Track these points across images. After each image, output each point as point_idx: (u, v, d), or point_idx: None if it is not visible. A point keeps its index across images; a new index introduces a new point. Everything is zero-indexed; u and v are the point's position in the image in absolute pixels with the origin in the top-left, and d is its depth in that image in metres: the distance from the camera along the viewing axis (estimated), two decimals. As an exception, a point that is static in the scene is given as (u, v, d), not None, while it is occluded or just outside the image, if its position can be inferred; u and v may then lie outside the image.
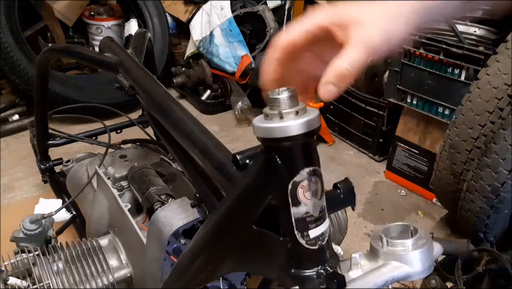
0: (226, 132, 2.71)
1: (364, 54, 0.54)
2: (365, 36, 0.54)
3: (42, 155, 1.79)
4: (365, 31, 0.54)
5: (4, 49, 2.38)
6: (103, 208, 1.36)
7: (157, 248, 1.09)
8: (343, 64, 0.53)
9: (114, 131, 1.78)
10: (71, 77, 2.76)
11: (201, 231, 0.74)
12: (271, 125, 0.52)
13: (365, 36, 0.54)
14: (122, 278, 1.25)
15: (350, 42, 0.54)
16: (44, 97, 1.60)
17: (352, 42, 0.54)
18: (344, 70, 0.53)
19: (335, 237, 1.36)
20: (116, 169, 1.37)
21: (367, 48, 0.54)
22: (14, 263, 1.19)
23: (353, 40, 0.54)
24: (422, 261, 0.61)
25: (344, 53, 0.54)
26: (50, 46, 2.37)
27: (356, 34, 0.54)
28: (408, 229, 0.64)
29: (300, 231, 0.54)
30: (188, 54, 3.10)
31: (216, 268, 0.71)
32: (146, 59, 1.42)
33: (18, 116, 2.62)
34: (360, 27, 0.54)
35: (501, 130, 1.49)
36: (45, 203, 1.78)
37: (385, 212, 2.11)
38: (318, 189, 0.54)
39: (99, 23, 3.07)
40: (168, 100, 1.04)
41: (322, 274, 0.55)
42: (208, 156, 0.82)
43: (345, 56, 0.53)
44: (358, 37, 0.54)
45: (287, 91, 0.53)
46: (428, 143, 2.11)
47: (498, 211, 1.56)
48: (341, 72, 0.53)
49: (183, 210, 1.08)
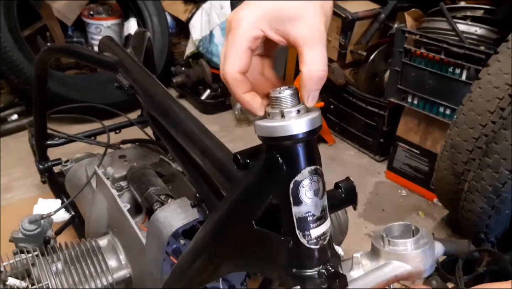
0: (226, 132, 2.70)
1: (323, 48, 0.51)
2: (316, 31, 0.51)
3: (41, 155, 1.79)
4: (311, 25, 0.51)
5: (3, 49, 2.37)
6: (102, 208, 1.35)
7: (156, 249, 1.08)
8: (316, 68, 0.51)
9: (113, 131, 1.78)
10: (70, 77, 2.76)
11: (201, 231, 0.74)
12: (272, 124, 0.51)
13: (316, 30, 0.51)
14: (121, 278, 1.24)
15: (301, 41, 0.51)
16: (43, 97, 1.59)
17: (305, 42, 0.51)
18: (321, 73, 0.51)
19: (335, 238, 1.35)
20: (115, 169, 1.37)
21: (322, 41, 0.51)
22: (13, 263, 1.18)
23: (304, 38, 0.51)
24: (423, 261, 0.60)
25: (307, 56, 0.51)
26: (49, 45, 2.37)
27: (304, 32, 0.51)
28: (409, 229, 0.64)
29: (302, 230, 0.54)
30: (187, 53, 3.09)
31: (217, 269, 0.71)
32: (145, 58, 1.42)
33: (17, 116, 2.62)
34: (303, 23, 0.51)
35: (502, 130, 1.48)
36: (44, 203, 1.77)
37: (385, 212, 2.11)
38: (319, 188, 0.54)
39: (98, 23, 3.06)
40: (168, 100, 1.03)
41: (323, 273, 0.55)
42: (208, 155, 0.82)
43: (312, 59, 0.51)
44: (309, 35, 0.51)
45: (288, 89, 0.52)
46: (429, 143, 2.11)
47: (499, 211, 1.56)
48: (319, 76, 0.51)
49: (183, 210, 1.07)
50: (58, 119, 2.17)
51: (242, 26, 0.52)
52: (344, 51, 2.40)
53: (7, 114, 2.60)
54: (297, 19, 0.51)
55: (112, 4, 3.18)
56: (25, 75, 2.42)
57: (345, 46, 2.38)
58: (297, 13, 0.51)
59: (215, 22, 2.78)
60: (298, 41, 0.51)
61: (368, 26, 2.38)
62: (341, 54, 2.42)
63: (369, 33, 2.36)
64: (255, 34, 0.52)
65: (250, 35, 0.52)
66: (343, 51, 2.40)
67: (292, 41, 0.52)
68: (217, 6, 2.79)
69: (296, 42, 0.51)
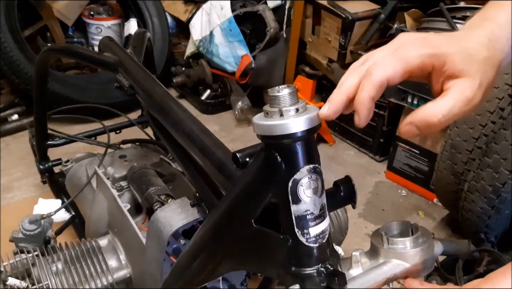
0: (226, 132, 2.70)
1: (462, 109, 0.50)
2: (469, 92, 0.51)
3: (41, 155, 1.79)
4: (469, 86, 0.51)
5: (4, 49, 2.37)
6: (102, 208, 1.35)
7: (156, 249, 1.08)
8: (435, 113, 0.50)
9: (113, 132, 1.77)
10: (70, 77, 2.76)
11: (201, 230, 0.74)
12: (271, 122, 0.52)
13: (470, 92, 0.51)
14: (121, 278, 1.24)
15: (450, 91, 0.51)
16: (43, 97, 1.59)
17: (452, 93, 0.51)
18: (434, 119, 0.50)
19: (335, 237, 1.35)
20: (115, 169, 1.37)
21: (467, 103, 0.51)
22: (13, 263, 1.18)
23: (454, 91, 0.51)
24: (422, 259, 0.60)
25: (440, 101, 0.50)
26: (50, 46, 2.38)
27: (459, 87, 0.51)
28: (408, 227, 0.64)
29: (301, 228, 0.54)
30: (188, 53, 3.09)
31: (216, 268, 0.71)
32: (145, 58, 1.42)
33: (17, 116, 2.62)
34: (465, 80, 0.51)
35: (502, 130, 1.48)
36: (44, 203, 1.77)
37: (385, 212, 2.11)
38: (318, 187, 0.54)
39: (99, 23, 3.06)
40: (168, 100, 1.03)
41: (322, 272, 0.55)
42: (208, 154, 0.82)
43: (441, 105, 0.50)
44: (461, 91, 0.51)
45: (287, 88, 0.52)
46: (428, 143, 2.11)
47: (499, 211, 1.56)
48: (431, 120, 0.50)
49: (183, 210, 1.07)
50: (58, 119, 2.17)
51: (414, 48, 0.53)
52: (344, 51, 2.40)
53: (8, 114, 2.60)
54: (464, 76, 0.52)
55: (113, 4, 3.19)
56: (26, 75, 2.42)
57: (345, 46, 2.38)
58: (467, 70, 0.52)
59: (215, 22, 2.78)
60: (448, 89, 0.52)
61: (368, 26, 2.38)
62: (341, 54, 2.42)
63: (369, 33, 2.36)
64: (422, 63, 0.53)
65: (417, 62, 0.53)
66: (343, 51, 2.40)
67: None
68: (217, 6, 2.79)
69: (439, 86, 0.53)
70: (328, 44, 2.48)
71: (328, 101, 0.55)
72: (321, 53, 2.56)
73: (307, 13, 2.55)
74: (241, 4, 2.83)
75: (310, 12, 2.54)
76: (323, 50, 2.54)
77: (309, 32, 2.60)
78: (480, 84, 0.51)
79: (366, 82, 0.52)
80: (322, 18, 2.47)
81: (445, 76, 0.52)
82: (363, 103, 0.51)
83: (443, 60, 0.51)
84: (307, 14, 2.55)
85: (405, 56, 0.52)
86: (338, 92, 0.54)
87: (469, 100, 0.51)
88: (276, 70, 2.65)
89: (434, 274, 1.50)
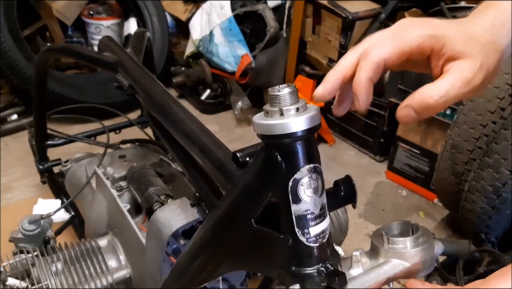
0: (226, 132, 2.70)
1: (460, 90, 0.49)
2: (469, 73, 0.49)
3: (41, 155, 1.79)
4: (469, 67, 0.50)
5: (3, 49, 2.37)
6: (102, 209, 1.35)
7: (156, 249, 1.08)
8: (432, 94, 0.49)
9: (113, 132, 1.77)
10: (70, 77, 2.76)
11: (201, 230, 0.73)
12: (271, 122, 0.51)
13: (469, 72, 0.49)
14: (121, 279, 1.24)
15: (449, 72, 0.50)
16: (43, 97, 1.59)
17: (451, 74, 0.50)
18: (431, 100, 0.49)
19: (336, 238, 1.35)
20: (115, 169, 1.37)
21: (466, 84, 0.49)
22: (13, 263, 1.18)
23: (453, 71, 0.50)
24: (422, 259, 0.60)
25: (438, 82, 0.50)
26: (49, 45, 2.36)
27: (458, 67, 0.50)
28: (409, 227, 0.64)
29: (301, 228, 0.54)
30: (187, 53, 3.09)
31: (216, 267, 0.70)
32: (145, 58, 1.42)
33: (16, 116, 2.62)
34: (465, 61, 0.50)
35: (502, 130, 1.48)
36: (43, 204, 1.78)
37: (386, 212, 2.10)
38: (318, 186, 0.54)
39: (98, 22, 3.06)
40: (168, 100, 1.03)
41: (323, 271, 0.55)
42: (207, 154, 0.82)
43: (439, 86, 0.49)
44: (460, 71, 0.50)
45: (287, 87, 0.52)
46: (429, 143, 2.11)
47: (500, 211, 1.55)
48: (428, 101, 0.49)
49: (183, 210, 1.07)
50: (58, 119, 2.17)
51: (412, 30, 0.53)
52: (344, 51, 2.40)
53: (7, 114, 2.60)
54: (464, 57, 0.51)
55: (112, 4, 3.19)
56: (25, 75, 2.42)
57: (345, 46, 2.38)
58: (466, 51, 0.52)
59: (215, 22, 2.78)
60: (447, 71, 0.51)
61: (368, 26, 2.38)
62: (341, 54, 2.39)
63: (369, 33, 2.36)
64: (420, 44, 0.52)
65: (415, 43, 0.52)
66: (343, 51, 2.40)
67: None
68: (217, 6, 2.79)
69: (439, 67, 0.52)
70: (328, 44, 2.48)
71: (323, 81, 0.54)
72: (322, 53, 2.56)
73: (307, 13, 2.55)
74: (241, 4, 2.83)
75: (310, 12, 2.53)
76: (323, 50, 2.54)
77: (309, 32, 2.59)
78: (481, 65, 0.50)
79: (363, 62, 0.51)
80: (322, 18, 2.47)
81: (445, 59, 0.51)
82: (360, 84, 0.51)
83: (442, 42, 0.50)
84: (307, 14, 2.55)
85: (404, 37, 0.51)
86: (333, 72, 0.54)
87: (468, 81, 0.49)
88: (276, 70, 2.65)
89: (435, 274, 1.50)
